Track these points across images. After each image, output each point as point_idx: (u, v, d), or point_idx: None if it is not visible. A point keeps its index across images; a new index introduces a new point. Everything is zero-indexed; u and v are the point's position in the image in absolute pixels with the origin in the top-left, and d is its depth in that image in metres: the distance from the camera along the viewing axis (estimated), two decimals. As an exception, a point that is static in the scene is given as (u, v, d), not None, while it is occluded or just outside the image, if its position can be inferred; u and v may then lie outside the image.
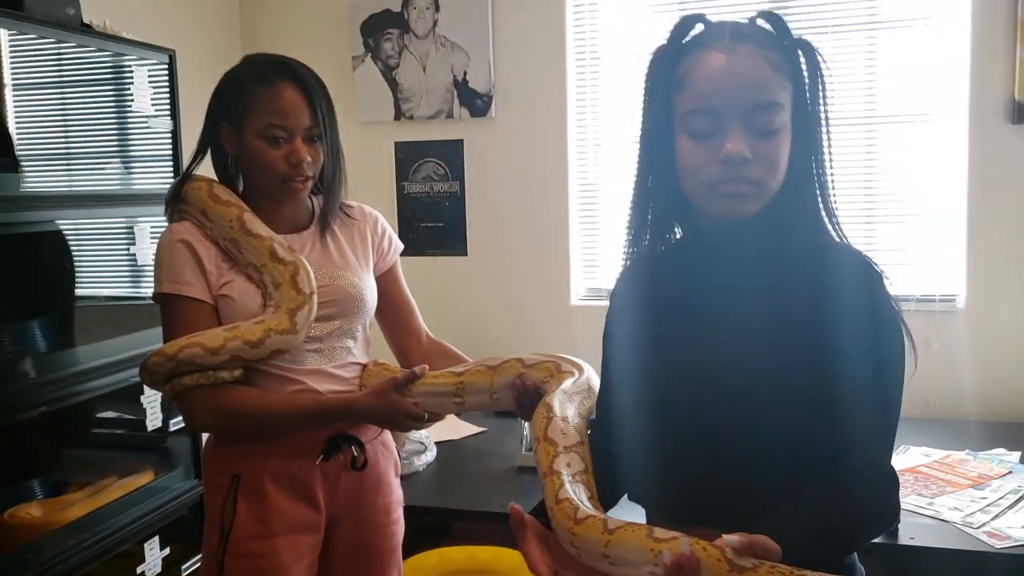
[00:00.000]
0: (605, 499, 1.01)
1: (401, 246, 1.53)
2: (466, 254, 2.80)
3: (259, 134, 1.30)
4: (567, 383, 1.14)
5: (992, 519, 1.69)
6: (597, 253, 2.76)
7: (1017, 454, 2.02)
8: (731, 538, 0.75)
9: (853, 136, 2.47)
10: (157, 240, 1.36)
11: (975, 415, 2.33)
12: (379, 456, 1.44)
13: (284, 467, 1.34)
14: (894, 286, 0.96)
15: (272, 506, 1.32)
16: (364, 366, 1.43)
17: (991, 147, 2.33)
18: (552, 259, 2.73)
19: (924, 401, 2.39)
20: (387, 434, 1.48)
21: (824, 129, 0.96)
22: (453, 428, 2.37)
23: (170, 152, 1.97)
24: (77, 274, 1.82)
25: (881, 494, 0.87)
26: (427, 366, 1.35)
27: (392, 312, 1.51)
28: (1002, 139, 2.31)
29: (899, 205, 2.46)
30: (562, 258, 2.71)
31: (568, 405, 1.09)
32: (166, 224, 1.38)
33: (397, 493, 1.49)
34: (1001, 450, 2.05)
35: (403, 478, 2.00)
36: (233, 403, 1.30)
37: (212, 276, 1.31)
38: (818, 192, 0.97)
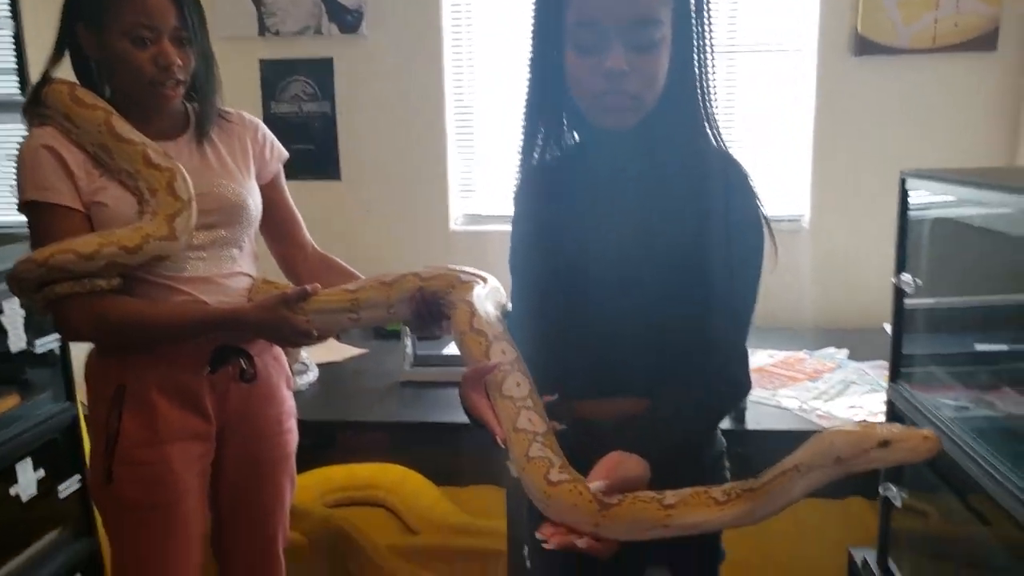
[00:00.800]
0: None
1: (285, 154, 1.50)
2: (339, 178, 2.75)
3: (123, 34, 1.23)
4: (478, 289, 1.15)
5: (823, 403, 1.92)
6: (474, 178, 2.78)
7: (846, 351, 2.28)
8: (597, 484, 0.87)
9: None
10: (18, 149, 1.26)
11: (813, 322, 2.59)
12: (269, 369, 1.44)
13: (171, 377, 1.32)
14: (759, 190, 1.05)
15: (159, 415, 1.31)
16: (252, 283, 1.41)
17: (836, 78, 2.52)
18: (430, 184, 2.73)
19: (770, 312, 2.62)
20: (277, 347, 1.48)
21: (707, 36, 1.02)
22: (334, 350, 2.37)
23: (13, 58, 1.80)
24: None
25: (726, 399, 1.02)
26: (319, 285, 1.34)
27: (276, 223, 1.49)
28: (846, 70, 2.51)
29: (751, 131, 2.64)
30: (440, 182, 2.72)
31: (486, 304, 1.13)
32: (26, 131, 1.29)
33: (289, 404, 1.50)
34: (832, 349, 2.31)
35: (284, 398, 2.02)
36: (114, 312, 1.26)
37: (82, 182, 1.25)
38: (699, 98, 1.03)
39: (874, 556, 1.50)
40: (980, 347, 1.43)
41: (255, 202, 1.40)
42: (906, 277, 1.38)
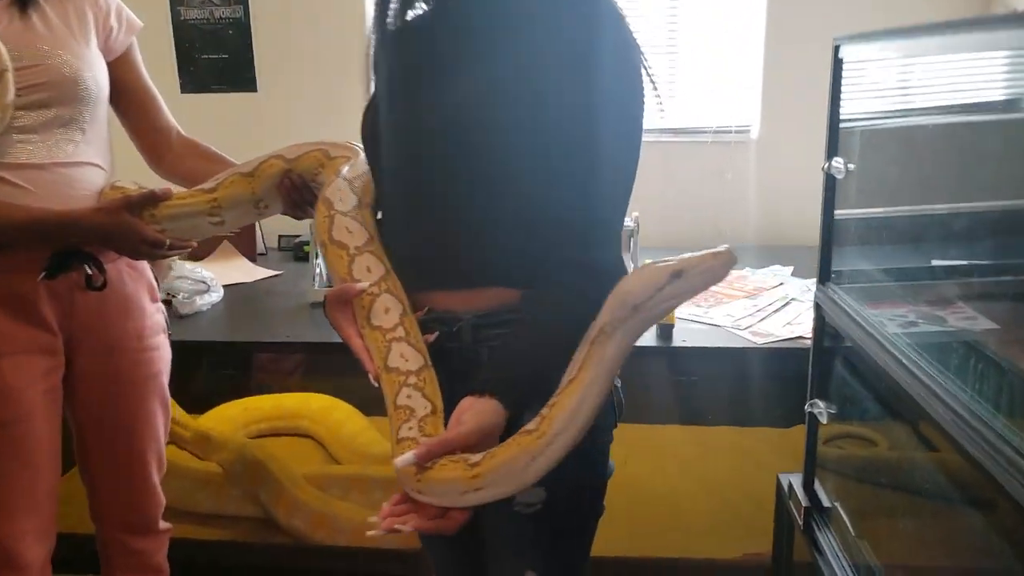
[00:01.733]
0: None
1: (138, 24, 1.33)
2: (255, 90, 2.55)
3: None
4: (344, 169, 1.02)
5: (758, 322, 1.80)
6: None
7: (791, 268, 2.16)
8: (407, 456, 0.78)
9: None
10: None
11: (759, 239, 2.47)
12: (124, 277, 1.29)
13: (1, 283, 1.18)
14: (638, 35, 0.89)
15: None
16: (103, 186, 1.25)
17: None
18: (350, 93, 2.53)
19: (715, 229, 2.50)
20: None
21: None
22: (245, 271, 2.22)
23: None
24: None
25: (593, 290, 0.83)
26: (171, 188, 1.19)
27: (133, 106, 1.33)
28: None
29: (701, 39, 2.47)
30: (360, 91, 2.52)
31: (349, 196, 0.98)
32: None
33: (154, 319, 1.36)
34: (777, 267, 2.19)
35: (183, 317, 1.87)
36: None
37: None
38: None
39: (800, 480, 1.40)
40: (936, 262, 1.32)
41: (96, 78, 1.23)
42: (837, 162, 1.23)
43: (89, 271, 1.22)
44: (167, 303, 1.78)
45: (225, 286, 2.05)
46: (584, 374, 0.78)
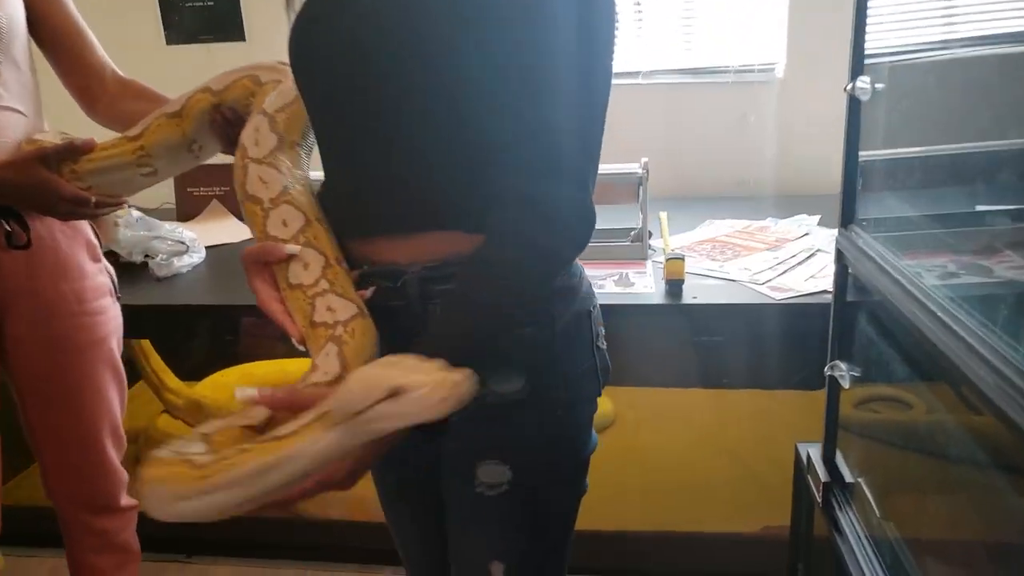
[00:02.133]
0: None
1: None
2: (244, 39, 2.41)
3: None
4: (269, 99, 0.90)
5: (778, 276, 1.64)
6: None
7: (817, 217, 1.98)
8: (248, 391, 0.72)
9: None
10: None
11: (785, 189, 2.28)
12: (57, 235, 1.18)
13: None
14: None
15: None
16: (19, 142, 1.12)
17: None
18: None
19: (737, 181, 2.32)
20: None
21: None
22: (232, 231, 2.10)
23: None
24: None
25: (521, 258, 0.72)
26: (93, 139, 1.08)
27: (58, 45, 1.22)
28: None
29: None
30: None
31: (268, 136, 0.86)
32: None
33: (97, 280, 1.25)
34: (803, 216, 2.01)
35: (160, 280, 1.76)
36: None
37: None
38: None
39: (819, 452, 1.25)
40: (981, 207, 1.15)
41: (9, 13, 1.11)
42: (862, 82, 1.06)
43: (8, 227, 1.11)
44: (116, 261, 1.68)
45: (209, 248, 1.94)
46: (290, 442, 0.66)
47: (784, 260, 1.73)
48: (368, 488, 1.85)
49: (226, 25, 2.39)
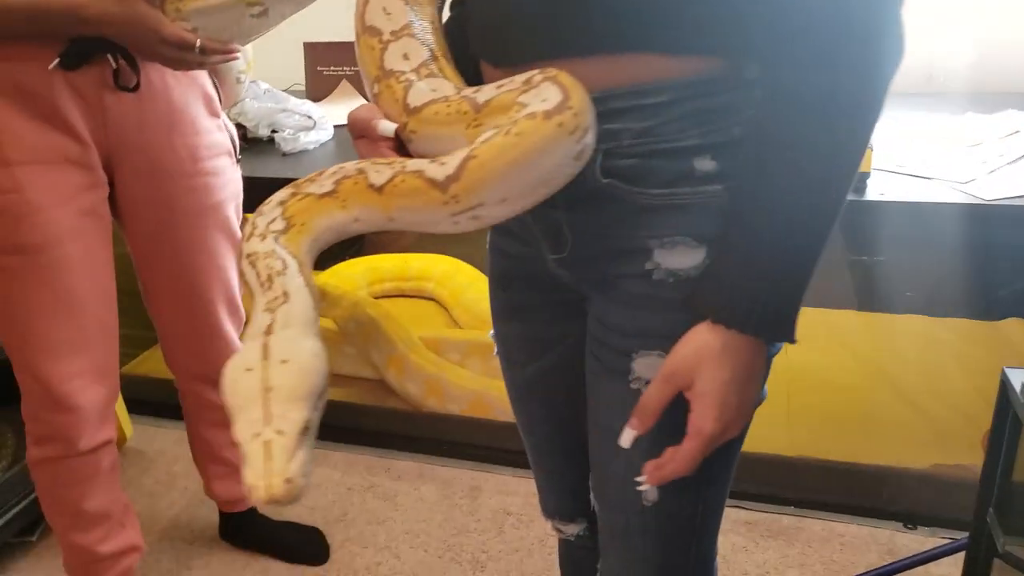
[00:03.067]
0: None
1: None
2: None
3: None
4: None
5: (986, 175, 1.37)
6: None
7: (1030, 114, 1.66)
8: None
9: None
10: None
11: (987, 84, 1.93)
12: (169, 80, 1.09)
13: (11, 74, 0.99)
14: None
15: (2, 125, 1.00)
16: None
17: None
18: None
19: (927, 75, 1.99)
20: None
21: None
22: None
23: None
24: None
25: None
26: None
27: None
28: None
29: None
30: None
31: None
32: None
33: (213, 136, 1.16)
34: (1011, 111, 1.69)
35: (286, 155, 1.69)
36: None
37: None
38: None
39: (1034, 376, 1.03)
40: None
41: None
42: None
43: (115, 64, 1.01)
44: (243, 136, 1.60)
45: (337, 127, 1.85)
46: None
47: (985, 160, 1.44)
48: (491, 386, 1.78)
49: None
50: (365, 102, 0.71)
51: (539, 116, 0.55)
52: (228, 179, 1.20)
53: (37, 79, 1.00)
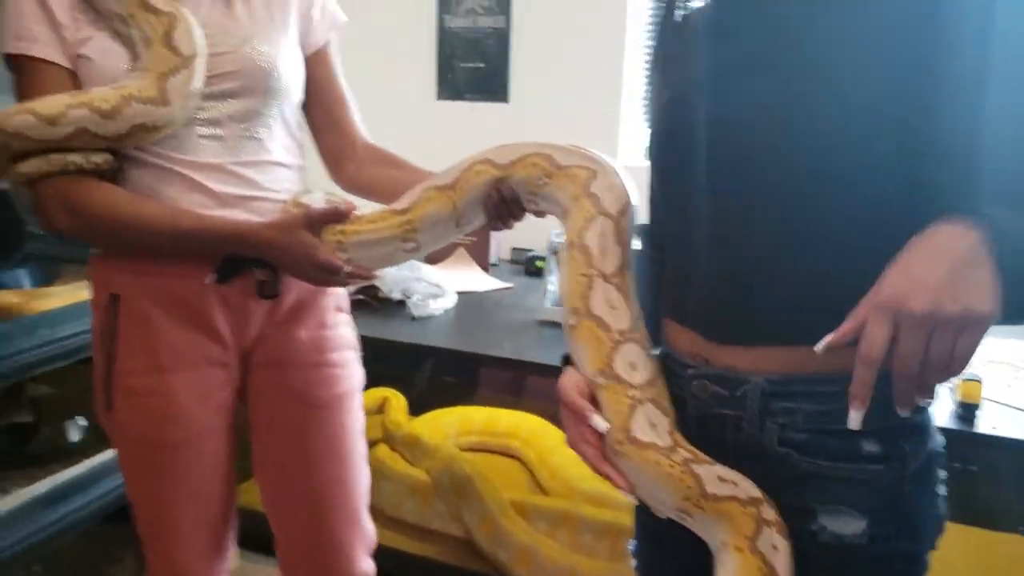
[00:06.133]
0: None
1: (341, 19, 1.21)
2: (507, 101, 2.53)
3: None
4: (603, 195, 0.81)
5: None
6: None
7: None
8: None
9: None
10: None
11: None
12: (303, 284, 1.15)
13: (169, 288, 1.09)
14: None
15: (160, 335, 1.09)
16: (288, 197, 1.12)
17: None
18: (601, 110, 2.44)
19: None
20: None
21: None
22: (477, 280, 2.18)
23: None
24: None
25: None
26: (353, 203, 1.06)
27: (320, 106, 1.20)
28: None
29: None
30: (612, 110, 2.41)
31: (612, 249, 0.79)
32: None
33: (339, 332, 1.21)
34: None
35: (415, 320, 1.84)
36: (91, 202, 1.02)
37: (67, 31, 1.02)
38: None
39: None
40: None
41: (290, 70, 1.12)
42: None
43: (261, 277, 1.11)
44: (376, 296, 1.68)
45: (459, 293, 2.01)
46: None
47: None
48: (582, 563, 1.78)
49: (493, 86, 2.53)
50: (570, 374, 0.78)
51: None
52: (352, 372, 1.23)
53: (193, 292, 1.09)
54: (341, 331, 1.22)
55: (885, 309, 0.60)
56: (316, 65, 1.19)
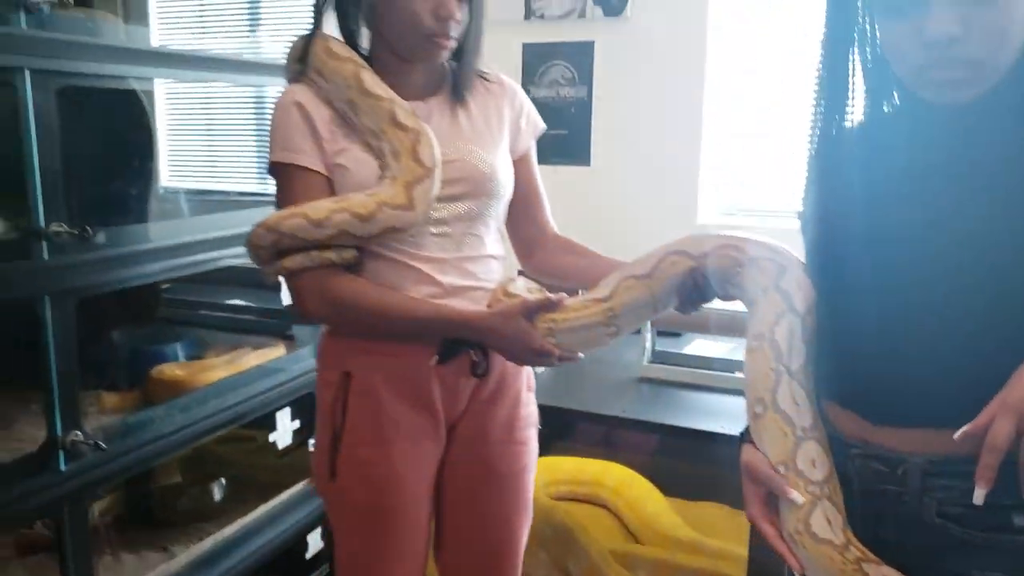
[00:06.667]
0: None
1: (541, 127, 1.36)
2: (589, 164, 2.68)
3: None
4: (796, 298, 0.87)
5: None
6: (732, 171, 2.58)
7: None
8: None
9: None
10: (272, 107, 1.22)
11: None
12: (506, 364, 1.27)
13: (398, 368, 1.21)
14: None
15: (385, 410, 1.21)
16: (495, 288, 1.25)
17: None
18: (681, 174, 2.58)
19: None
20: None
21: None
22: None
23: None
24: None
25: None
26: (565, 295, 1.16)
27: (520, 202, 1.33)
28: None
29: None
30: (691, 173, 2.55)
31: (799, 347, 0.85)
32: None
33: (528, 410, 1.33)
34: None
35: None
36: (345, 293, 1.17)
37: (327, 143, 1.17)
38: None
39: None
40: None
41: (506, 174, 1.26)
42: None
43: (475, 357, 1.22)
44: None
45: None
46: None
47: None
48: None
49: (575, 151, 2.69)
50: (754, 452, 0.85)
51: None
52: (533, 448, 1.33)
53: (417, 371, 1.20)
54: (531, 409, 1.33)
55: (1013, 410, 0.69)
56: (521, 167, 1.32)
